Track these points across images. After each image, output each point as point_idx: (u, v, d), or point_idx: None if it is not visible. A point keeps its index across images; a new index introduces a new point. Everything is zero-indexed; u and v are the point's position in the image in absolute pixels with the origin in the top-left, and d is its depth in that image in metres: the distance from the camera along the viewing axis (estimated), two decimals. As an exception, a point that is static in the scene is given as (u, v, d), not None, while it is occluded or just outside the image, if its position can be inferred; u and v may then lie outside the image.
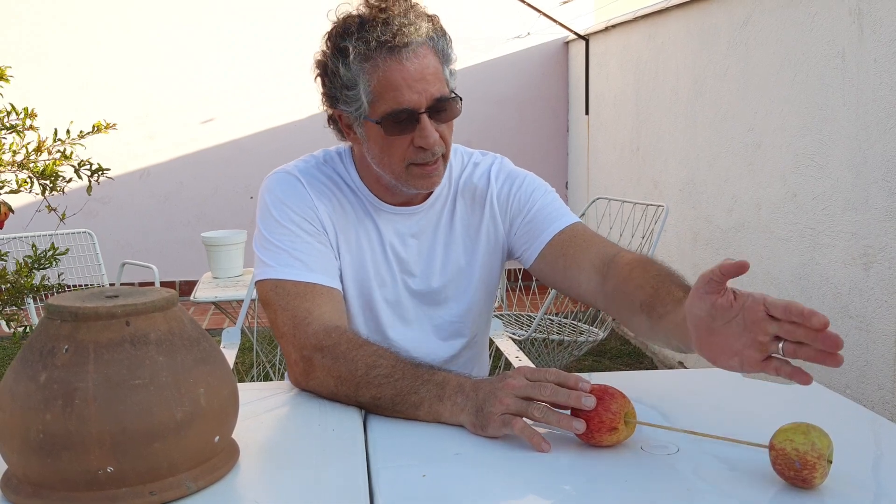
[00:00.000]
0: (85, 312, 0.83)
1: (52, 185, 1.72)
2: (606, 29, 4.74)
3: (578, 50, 5.33)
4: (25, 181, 1.72)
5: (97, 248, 4.06)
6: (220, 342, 2.21)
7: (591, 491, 0.90)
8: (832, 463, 0.86)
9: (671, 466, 0.94)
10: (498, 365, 2.78)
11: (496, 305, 3.08)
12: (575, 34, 5.17)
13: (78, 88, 5.29)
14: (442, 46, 1.27)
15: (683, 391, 1.24)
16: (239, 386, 0.96)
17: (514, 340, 2.48)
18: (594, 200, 4.18)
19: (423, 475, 0.92)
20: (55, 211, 1.85)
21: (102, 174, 1.81)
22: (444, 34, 1.28)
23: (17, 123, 1.76)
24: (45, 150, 1.74)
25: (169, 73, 5.41)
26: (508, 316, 3.77)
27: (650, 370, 3.73)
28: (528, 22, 5.50)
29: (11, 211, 1.77)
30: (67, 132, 1.82)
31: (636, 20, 4.28)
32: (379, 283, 1.38)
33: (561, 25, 5.16)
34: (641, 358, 4.19)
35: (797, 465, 0.85)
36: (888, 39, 2.31)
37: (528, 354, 2.86)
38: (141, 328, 0.84)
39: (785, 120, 2.87)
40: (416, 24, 1.22)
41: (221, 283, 3.34)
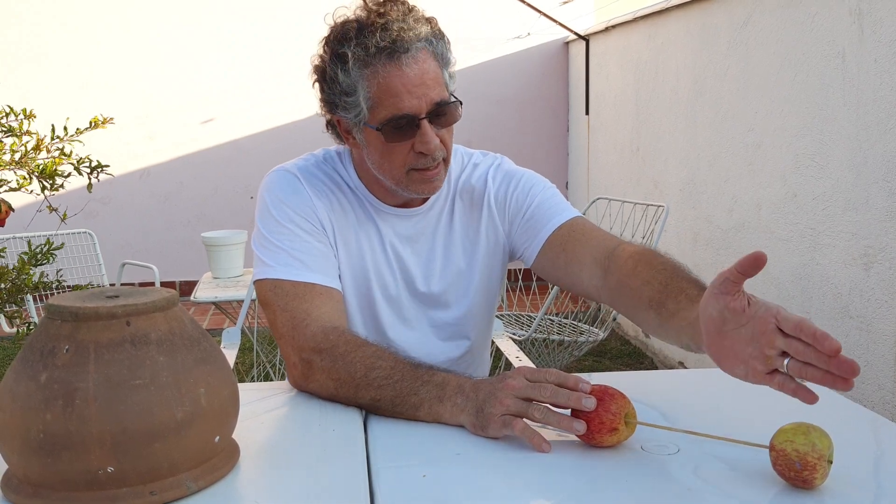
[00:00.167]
0: (85, 312, 0.83)
1: (51, 183, 1.72)
2: (606, 29, 4.74)
3: (578, 50, 5.33)
4: (24, 178, 1.72)
5: (97, 248, 4.07)
6: (220, 342, 2.21)
7: (591, 491, 0.90)
8: (832, 463, 0.86)
9: (671, 467, 0.94)
10: (498, 365, 2.78)
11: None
12: (575, 34, 5.17)
13: (78, 88, 5.29)
14: (441, 50, 1.26)
15: (684, 391, 1.24)
16: (239, 386, 0.96)
17: (514, 340, 2.47)
18: (594, 200, 4.18)
19: (423, 475, 0.92)
20: (56, 211, 1.84)
21: (102, 170, 1.80)
22: (442, 37, 1.27)
23: (15, 126, 1.75)
24: (43, 147, 1.74)
25: (169, 73, 5.41)
26: (508, 316, 3.77)
27: (650, 370, 3.73)
28: (528, 22, 5.50)
29: (12, 209, 1.77)
30: (65, 129, 1.81)
31: (636, 20, 4.28)
32: (379, 282, 1.38)
33: (561, 25, 5.16)
34: (641, 358, 4.19)
35: (798, 465, 0.85)
36: (888, 39, 2.31)
37: (528, 354, 2.85)
38: (141, 328, 0.84)
39: (785, 120, 2.87)
40: (415, 28, 1.21)
41: (221, 283, 3.34)
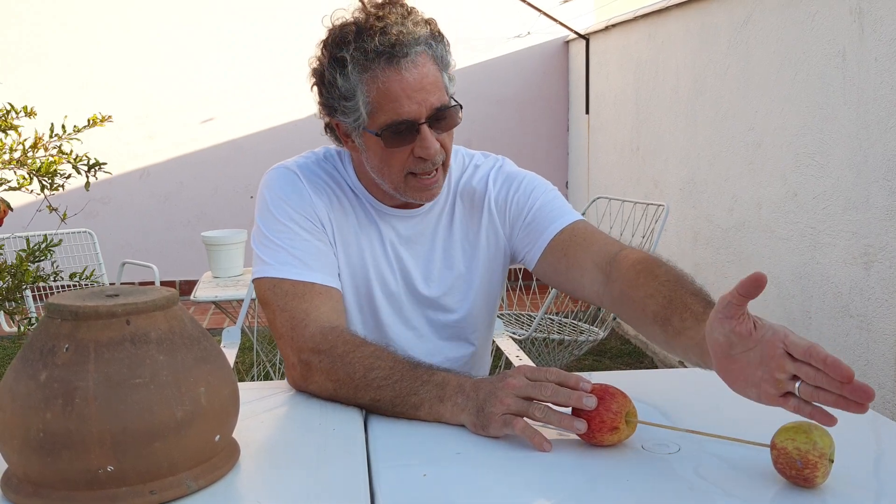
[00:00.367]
0: (85, 311, 0.83)
1: (50, 182, 1.71)
2: (607, 28, 4.74)
3: (579, 49, 5.33)
4: (24, 177, 1.71)
5: (97, 247, 4.07)
6: (220, 342, 2.21)
7: (592, 490, 0.89)
8: (833, 462, 0.86)
9: (672, 466, 0.94)
10: (498, 364, 2.78)
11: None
12: (575, 33, 5.17)
13: (78, 88, 5.29)
14: (441, 53, 1.24)
15: (684, 390, 1.24)
16: (239, 385, 0.95)
17: (514, 340, 2.47)
18: (594, 200, 4.18)
19: (423, 475, 0.92)
20: (56, 211, 1.84)
21: (100, 168, 1.79)
22: (442, 39, 1.25)
23: (18, 124, 1.75)
24: (41, 146, 1.73)
25: (169, 73, 5.40)
26: (509, 315, 3.77)
27: (651, 369, 3.73)
28: (528, 21, 5.50)
29: (10, 208, 1.76)
30: (63, 127, 1.80)
31: (636, 19, 4.28)
32: (379, 281, 1.37)
33: (561, 25, 5.15)
34: (642, 357, 4.19)
35: (799, 464, 0.85)
36: (889, 38, 2.31)
37: (528, 354, 2.85)
38: (141, 327, 0.84)
39: (785, 119, 2.87)
40: (413, 32, 1.20)
41: (221, 282, 3.34)
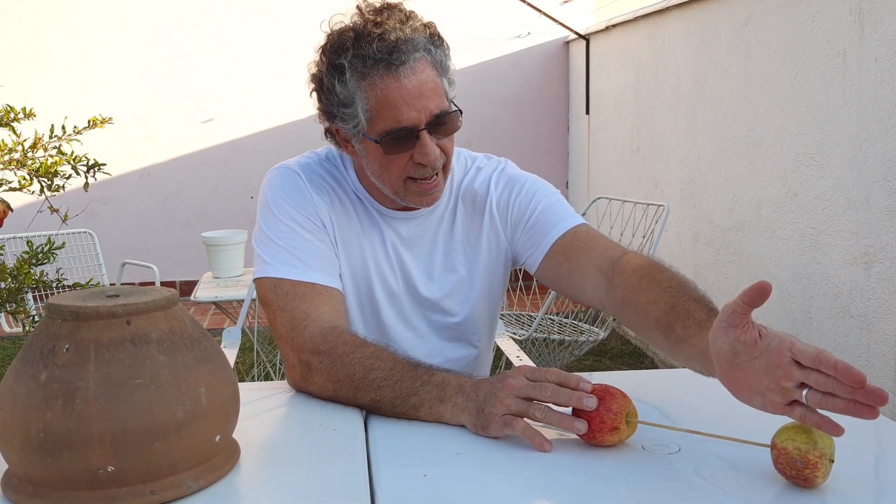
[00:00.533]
0: (86, 312, 0.83)
1: (49, 182, 1.71)
2: (607, 28, 4.74)
3: (579, 49, 5.33)
4: (24, 178, 1.71)
5: (97, 248, 4.07)
6: (220, 342, 2.21)
7: (592, 490, 0.89)
8: (834, 462, 0.86)
9: (673, 466, 0.94)
10: (498, 364, 2.78)
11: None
12: (575, 34, 5.17)
13: (78, 88, 5.29)
14: (440, 57, 1.23)
15: (685, 390, 1.23)
16: (240, 385, 0.95)
17: (514, 340, 2.47)
18: (595, 200, 4.18)
19: (424, 475, 0.92)
20: (57, 212, 1.84)
21: (99, 169, 1.79)
22: (441, 43, 1.25)
23: (16, 125, 1.75)
24: (41, 146, 1.73)
25: (169, 73, 5.40)
26: (509, 316, 3.77)
27: (651, 370, 3.72)
28: (528, 21, 5.50)
29: (10, 209, 1.77)
30: (63, 128, 1.80)
31: (637, 20, 4.28)
32: (381, 281, 1.37)
33: (561, 25, 5.15)
34: (642, 357, 4.19)
35: (799, 464, 0.85)
36: (889, 39, 2.31)
37: (528, 354, 2.85)
38: (142, 327, 0.84)
39: (786, 119, 2.87)
40: (412, 38, 1.19)
41: (222, 282, 3.34)
